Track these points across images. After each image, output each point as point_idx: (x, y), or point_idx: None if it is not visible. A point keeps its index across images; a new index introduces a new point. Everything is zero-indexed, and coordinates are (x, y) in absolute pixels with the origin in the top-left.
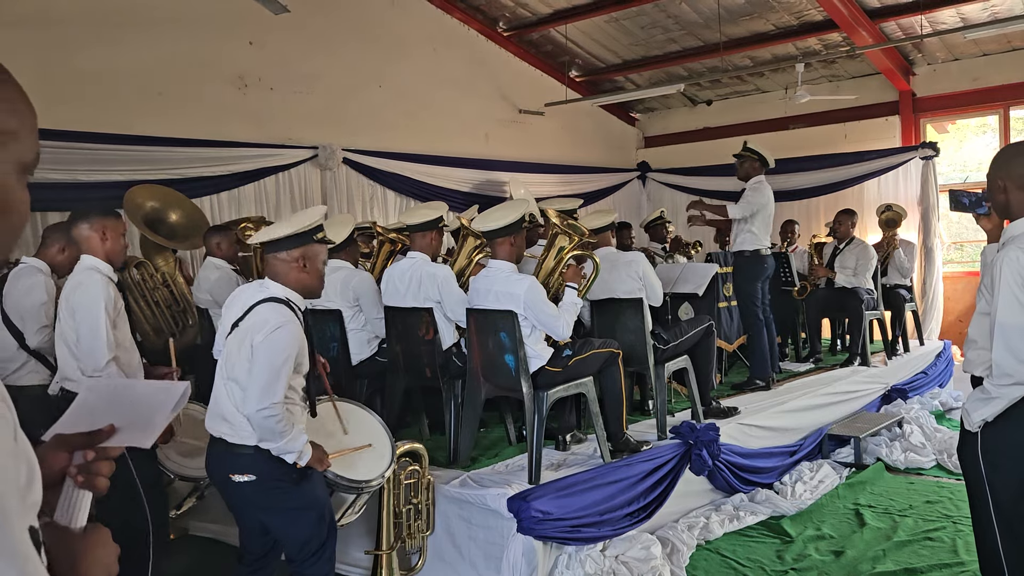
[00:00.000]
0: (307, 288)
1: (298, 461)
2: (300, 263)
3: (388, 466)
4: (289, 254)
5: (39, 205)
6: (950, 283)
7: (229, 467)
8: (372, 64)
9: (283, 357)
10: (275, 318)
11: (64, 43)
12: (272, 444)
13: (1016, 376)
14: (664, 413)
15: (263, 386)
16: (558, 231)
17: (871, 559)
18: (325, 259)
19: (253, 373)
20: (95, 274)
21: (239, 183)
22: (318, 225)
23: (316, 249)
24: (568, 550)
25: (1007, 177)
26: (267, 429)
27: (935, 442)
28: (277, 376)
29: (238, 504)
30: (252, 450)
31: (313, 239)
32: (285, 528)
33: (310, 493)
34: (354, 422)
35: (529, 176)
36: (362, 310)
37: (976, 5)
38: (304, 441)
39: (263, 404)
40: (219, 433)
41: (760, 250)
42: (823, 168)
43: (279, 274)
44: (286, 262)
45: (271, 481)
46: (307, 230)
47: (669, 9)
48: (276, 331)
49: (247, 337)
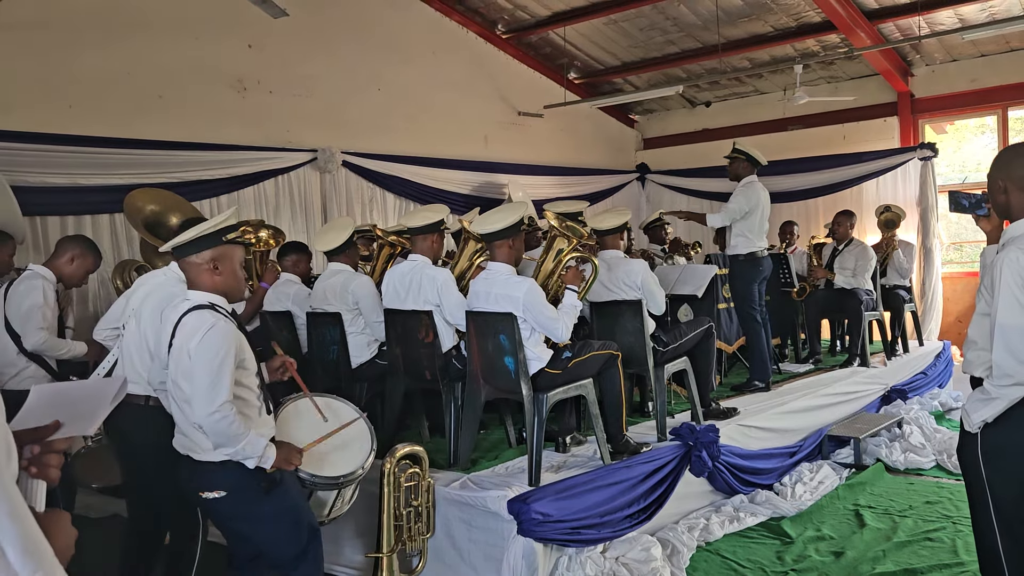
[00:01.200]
0: (225, 290)
1: (262, 464)
2: (211, 265)
3: (367, 456)
4: (199, 256)
5: (39, 209)
6: (949, 283)
7: (197, 484)
8: (371, 67)
9: (219, 357)
10: (203, 323)
11: (64, 47)
12: (229, 449)
13: (1016, 377)
14: (664, 415)
15: (206, 389)
16: (556, 233)
17: (871, 560)
18: (241, 259)
19: (194, 380)
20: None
21: (239, 186)
22: (227, 226)
23: (227, 250)
24: (568, 552)
25: (1008, 178)
26: (220, 433)
27: (935, 443)
28: (218, 376)
29: (215, 518)
30: (218, 466)
31: (222, 240)
32: (263, 537)
33: (283, 500)
34: (332, 413)
35: (528, 178)
36: (362, 313)
37: (974, 6)
38: (263, 444)
39: (211, 407)
40: (185, 450)
41: (755, 252)
42: (822, 169)
43: (194, 280)
44: (198, 265)
45: (240, 494)
46: (214, 231)
47: (667, 11)
48: (207, 334)
49: (182, 350)
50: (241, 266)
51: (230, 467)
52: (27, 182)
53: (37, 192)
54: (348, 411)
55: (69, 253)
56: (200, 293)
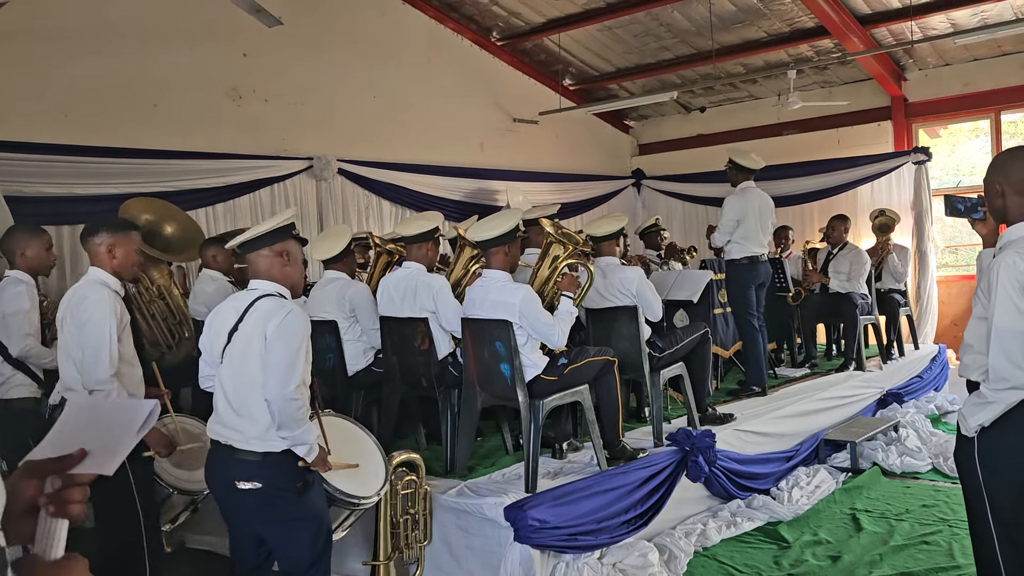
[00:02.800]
0: (292, 282)
1: (307, 456)
2: (284, 257)
3: (383, 484)
4: (271, 249)
5: (34, 219)
6: (944, 287)
7: (234, 473)
8: (366, 75)
9: (299, 340)
10: (281, 307)
11: (58, 57)
12: (291, 432)
13: (1013, 380)
14: (660, 420)
15: (285, 367)
16: (552, 240)
17: (868, 564)
18: (302, 256)
19: (272, 360)
20: (102, 288)
21: (234, 195)
22: (292, 222)
23: (294, 244)
24: (566, 558)
25: (1005, 182)
26: (289, 414)
27: (931, 446)
28: (296, 358)
29: (238, 513)
30: (259, 457)
31: (291, 235)
32: (284, 540)
33: (312, 505)
34: (344, 439)
35: (524, 185)
36: (358, 321)
37: (966, 11)
38: (316, 435)
39: (288, 386)
40: (225, 439)
41: (751, 256)
42: (816, 174)
43: (263, 271)
44: (269, 258)
45: (275, 490)
46: (284, 226)
47: (661, 17)
48: (288, 316)
49: (256, 331)
50: (304, 263)
51: (271, 461)
52: (22, 192)
53: (33, 202)
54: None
55: (17, 249)
56: (269, 283)
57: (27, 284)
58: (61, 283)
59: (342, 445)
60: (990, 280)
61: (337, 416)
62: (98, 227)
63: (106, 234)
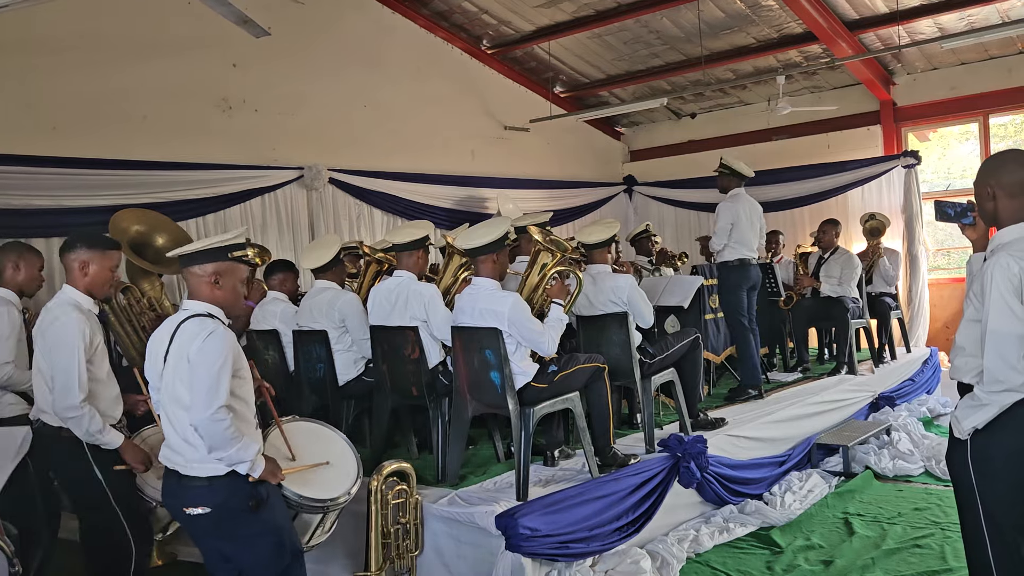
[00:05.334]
0: (223, 305)
1: (251, 472)
2: (212, 278)
3: (354, 482)
4: (202, 268)
5: (23, 232)
6: (936, 290)
7: (182, 500)
8: (356, 84)
9: (220, 361)
10: (203, 329)
11: (48, 69)
12: (223, 452)
13: (1007, 382)
14: (652, 426)
15: (206, 391)
16: (540, 247)
17: (860, 568)
18: (243, 278)
19: (194, 382)
20: (71, 310)
21: (225, 205)
22: (235, 244)
23: (231, 267)
24: (558, 566)
25: (997, 185)
26: (216, 435)
27: (923, 449)
28: (218, 380)
29: (195, 535)
30: (205, 481)
31: (228, 256)
32: (243, 556)
33: (267, 520)
34: (312, 441)
35: (516, 192)
36: (348, 331)
37: (953, 15)
38: (256, 450)
39: (210, 408)
40: (172, 464)
41: (740, 259)
42: (806, 178)
43: (194, 290)
44: (200, 277)
45: (226, 512)
46: (221, 247)
47: (651, 24)
48: (208, 338)
49: (181, 355)
50: (242, 284)
51: (217, 484)
52: (11, 204)
53: (22, 214)
54: (333, 437)
55: (10, 263)
56: (199, 303)
57: (8, 305)
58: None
59: (310, 447)
60: (983, 283)
61: (303, 420)
62: (76, 241)
63: (83, 250)
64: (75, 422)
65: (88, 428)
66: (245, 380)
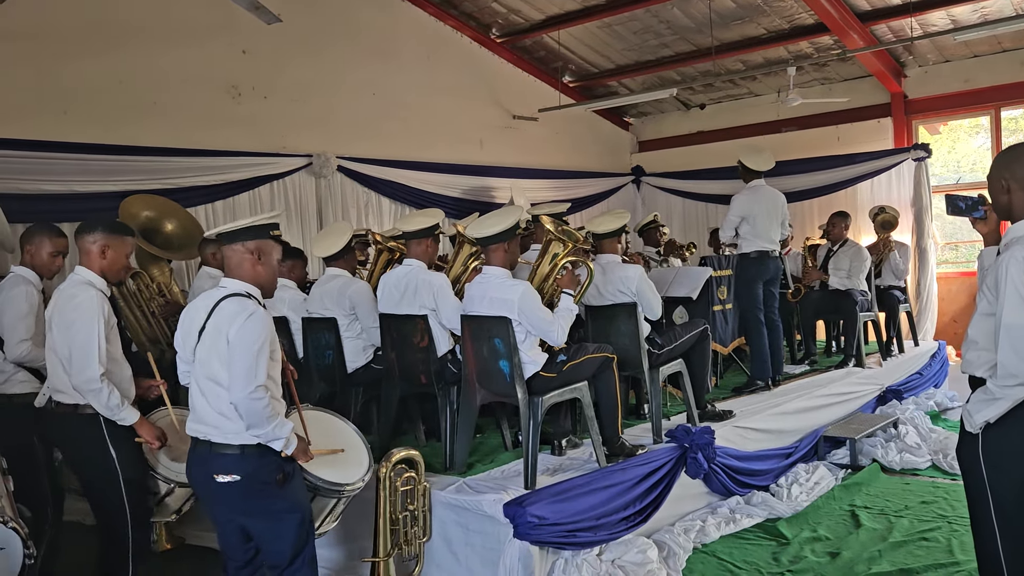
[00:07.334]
0: (262, 283)
1: (284, 449)
2: (255, 256)
3: (367, 471)
4: (244, 246)
5: (34, 216)
6: (944, 284)
7: (213, 467)
8: (366, 72)
9: (259, 343)
10: (243, 309)
11: (58, 54)
12: (260, 430)
13: (1021, 376)
14: (659, 417)
15: (245, 371)
16: (552, 237)
17: (867, 560)
18: (279, 257)
19: (234, 362)
20: (89, 288)
21: (234, 192)
22: (274, 223)
23: (271, 245)
24: (564, 555)
25: (1012, 178)
26: (255, 413)
27: (930, 442)
28: (256, 361)
29: (220, 508)
30: (237, 450)
31: (268, 234)
32: (268, 532)
33: (293, 496)
34: (325, 430)
35: (524, 182)
36: (358, 319)
37: (966, 7)
38: (290, 428)
39: (249, 387)
40: (203, 435)
41: (759, 251)
42: (816, 171)
43: (234, 267)
44: (241, 254)
45: (255, 483)
46: (264, 224)
47: (661, 14)
48: (248, 319)
49: (219, 333)
50: (278, 262)
51: (248, 454)
52: (22, 189)
53: (32, 199)
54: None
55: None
56: (238, 282)
57: (28, 284)
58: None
59: (324, 436)
60: (998, 276)
61: (315, 409)
62: (95, 224)
63: (101, 233)
64: (95, 395)
65: (108, 402)
66: (277, 362)
